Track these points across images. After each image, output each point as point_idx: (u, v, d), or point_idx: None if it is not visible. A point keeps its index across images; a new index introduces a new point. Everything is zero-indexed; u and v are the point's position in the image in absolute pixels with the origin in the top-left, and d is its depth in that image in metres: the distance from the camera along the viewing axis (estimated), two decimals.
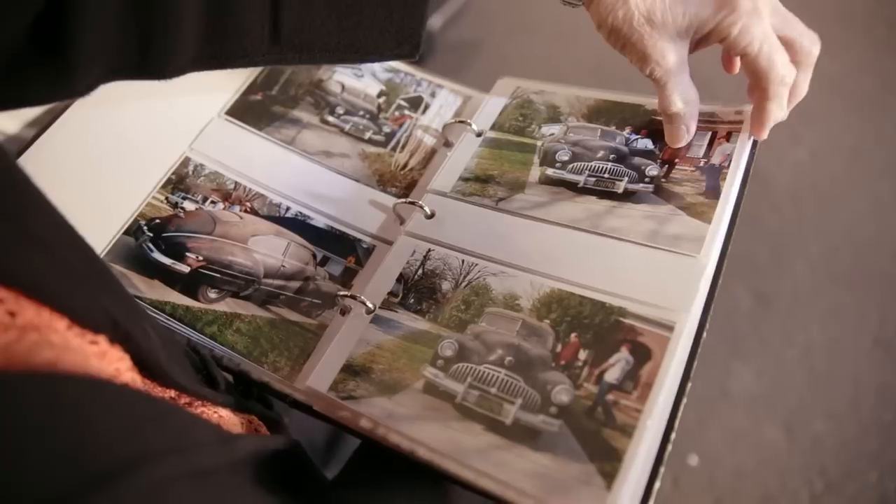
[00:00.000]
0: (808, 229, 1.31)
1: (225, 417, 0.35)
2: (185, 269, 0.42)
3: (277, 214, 0.45)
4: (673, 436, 0.32)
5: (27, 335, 0.22)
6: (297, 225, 0.45)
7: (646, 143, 0.43)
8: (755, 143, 0.41)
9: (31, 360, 0.21)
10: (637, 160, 0.42)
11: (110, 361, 0.25)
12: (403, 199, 0.44)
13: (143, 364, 0.30)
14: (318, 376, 0.37)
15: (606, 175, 0.42)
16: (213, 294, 0.42)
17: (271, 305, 0.42)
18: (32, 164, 0.44)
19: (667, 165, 0.41)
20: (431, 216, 0.42)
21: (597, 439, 0.31)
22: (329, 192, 0.46)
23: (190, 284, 0.42)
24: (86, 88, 0.35)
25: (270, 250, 0.43)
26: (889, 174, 1.37)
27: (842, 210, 1.33)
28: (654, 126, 0.43)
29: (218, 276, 0.42)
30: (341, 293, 0.41)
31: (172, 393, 0.33)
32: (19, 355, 0.21)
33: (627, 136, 0.44)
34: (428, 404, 0.35)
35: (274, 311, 0.41)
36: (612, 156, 0.42)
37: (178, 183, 0.46)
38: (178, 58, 0.37)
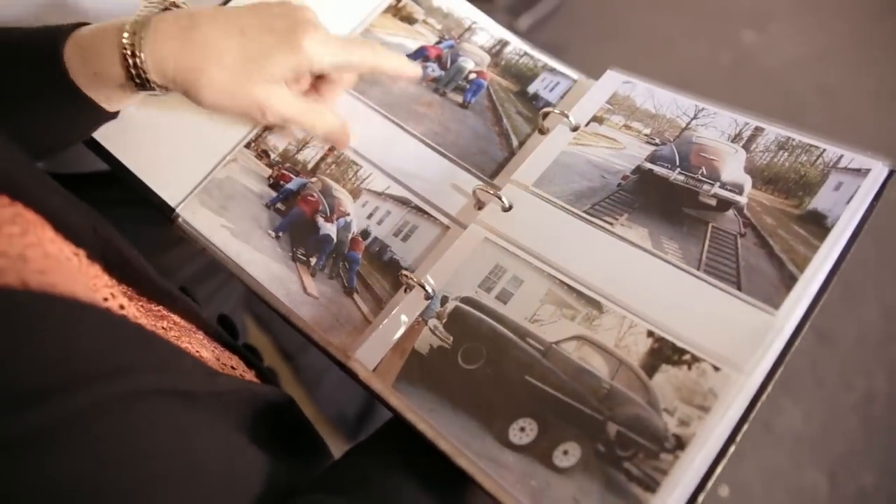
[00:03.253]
0: (888, 273, 1.22)
1: (206, 358, 0.35)
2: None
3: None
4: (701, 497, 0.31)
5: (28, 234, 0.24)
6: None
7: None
8: (878, 195, 0.36)
9: (26, 262, 0.23)
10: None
11: (88, 278, 0.27)
12: (482, 186, 0.42)
13: (125, 270, 0.32)
14: (368, 350, 0.38)
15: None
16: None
17: None
18: None
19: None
20: (509, 209, 0.41)
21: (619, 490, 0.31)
22: (412, 163, 0.45)
23: None
24: None
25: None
26: None
27: None
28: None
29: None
30: (404, 273, 0.40)
31: (164, 323, 0.34)
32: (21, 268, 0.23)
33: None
34: None
35: None
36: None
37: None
38: None
